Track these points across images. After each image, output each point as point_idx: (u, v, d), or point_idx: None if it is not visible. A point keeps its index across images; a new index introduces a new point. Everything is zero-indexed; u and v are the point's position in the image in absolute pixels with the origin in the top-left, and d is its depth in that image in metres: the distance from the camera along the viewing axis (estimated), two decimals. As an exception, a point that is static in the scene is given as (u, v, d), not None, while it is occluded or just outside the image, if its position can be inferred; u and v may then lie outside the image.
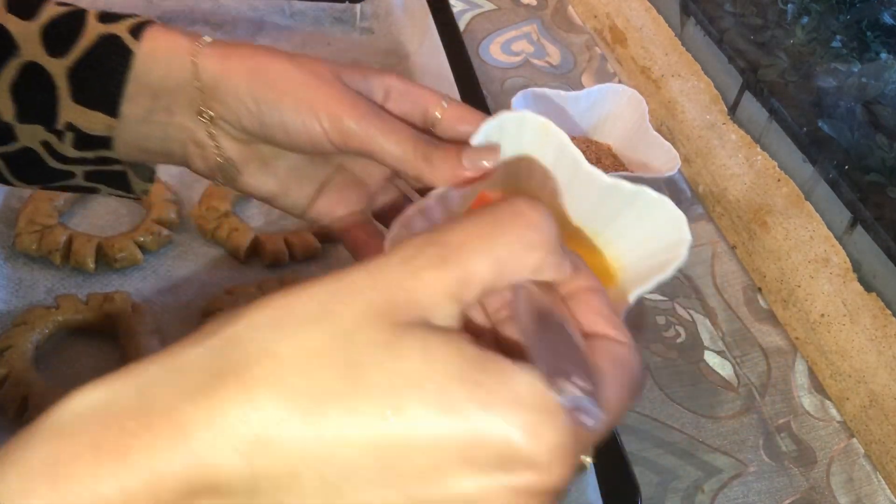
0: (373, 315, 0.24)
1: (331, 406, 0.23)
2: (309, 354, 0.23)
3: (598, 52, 0.95)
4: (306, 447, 0.23)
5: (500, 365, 0.24)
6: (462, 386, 0.23)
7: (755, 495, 0.59)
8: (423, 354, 0.24)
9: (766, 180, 0.75)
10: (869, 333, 0.63)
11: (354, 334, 0.24)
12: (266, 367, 0.23)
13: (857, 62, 0.73)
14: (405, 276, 0.25)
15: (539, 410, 0.23)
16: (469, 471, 0.23)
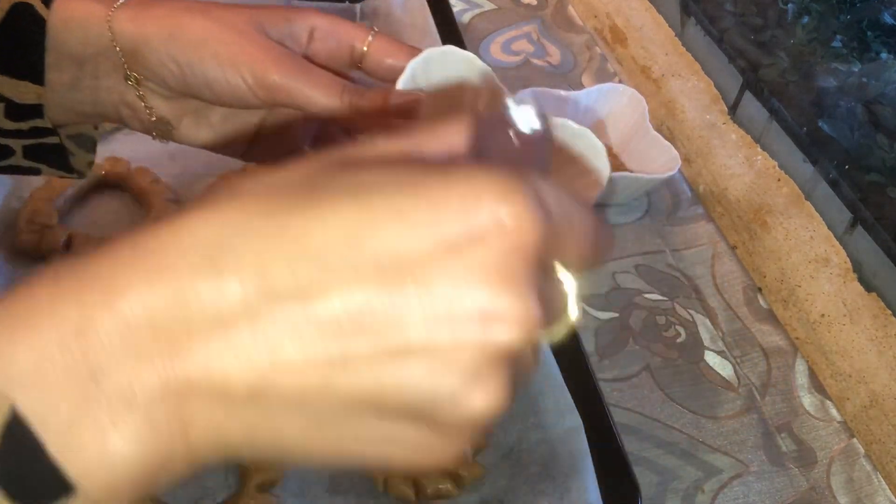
0: (332, 162, 0.24)
1: (295, 206, 0.22)
2: (273, 185, 0.23)
3: (598, 52, 0.95)
4: (271, 240, 0.22)
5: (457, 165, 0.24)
6: (419, 171, 0.23)
7: (755, 495, 0.59)
8: (379, 165, 0.24)
9: (767, 180, 0.75)
10: (869, 333, 0.63)
11: (316, 171, 0.24)
12: (229, 195, 0.23)
13: (857, 62, 0.73)
14: (361, 144, 0.25)
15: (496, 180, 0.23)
16: (440, 244, 0.22)
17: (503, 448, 0.56)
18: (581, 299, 0.27)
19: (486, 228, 0.22)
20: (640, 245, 0.75)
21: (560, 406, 0.56)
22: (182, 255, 0.22)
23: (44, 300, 0.21)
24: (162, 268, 0.22)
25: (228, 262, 0.22)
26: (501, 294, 0.22)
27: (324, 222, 0.22)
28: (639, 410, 0.63)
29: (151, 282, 0.22)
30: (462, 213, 0.22)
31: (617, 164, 0.79)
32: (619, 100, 0.81)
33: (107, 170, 0.68)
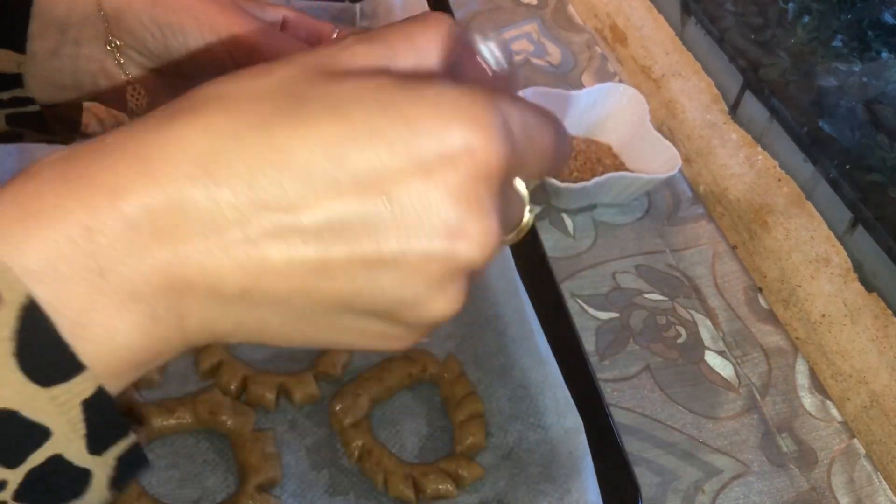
0: (312, 68, 0.26)
1: (280, 119, 0.24)
2: (257, 92, 0.25)
3: (598, 52, 0.95)
4: (259, 154, 0.24)
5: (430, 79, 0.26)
6: (397, 89, 0.25)
7: (756, 496, 0.59)
8: (359, 79, 0.25)
9: (767, 180, 0.75)
10: (870, 333, 0.63)
11: (297, 78, 0.26)
12: (217, 102, 0.25)
13: (858, 62, 0.73)
14: (340, 48, 0.27)
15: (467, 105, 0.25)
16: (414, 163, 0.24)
17: (503, 448, 0.56)
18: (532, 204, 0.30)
19: (456, 152, 0.24)
20: (641, 245, 0.74)
21: (560, 406, 0.56)
22: (178, 163, 0.24)
23: (51, 198, 0.23)
24: (161, 174, 0.24)
25: (221, 171, 0.24)
26: (466, 215, 0.25)
27: (307, 138, 0.24)
28: (639, 411, 0.62)
29: (151, 187, 0.23)
30: (435, 135, 0.24)
31: (617, 164, 0.79)
32: (620, 99, 0.80)
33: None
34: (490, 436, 0.56)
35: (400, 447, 0.56)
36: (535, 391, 0.57)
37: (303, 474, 0.54)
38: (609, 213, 0.77)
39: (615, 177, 0.73)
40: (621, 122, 0.80)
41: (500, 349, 0.59)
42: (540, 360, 0.58)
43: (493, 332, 0.60)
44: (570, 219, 0.76)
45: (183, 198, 0.23)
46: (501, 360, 0.59)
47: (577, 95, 0.80)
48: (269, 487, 0.52)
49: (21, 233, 0.23)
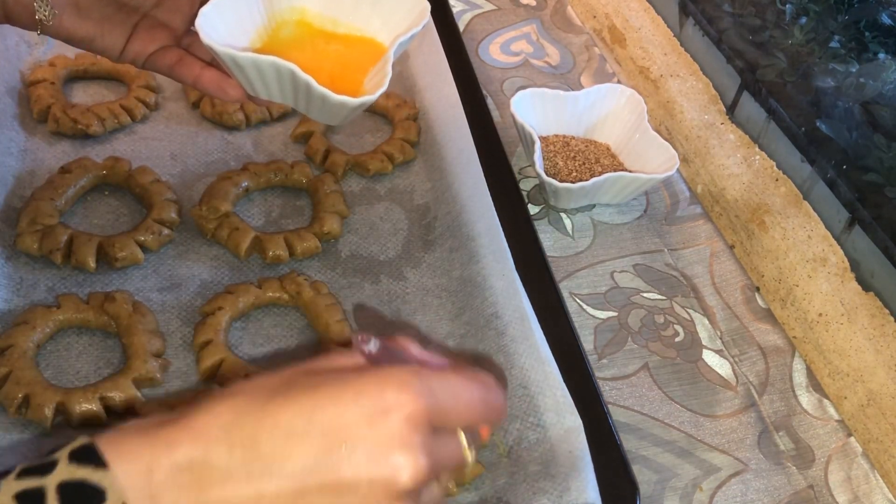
0: (304, 369, 0.39)
1: (276, 398, 0.37)
2: (266, 384, 0.38)
3: (597, 53, 0.96)
4: (260, 422, 0.36)
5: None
6: (353, 372, 0.39)
7: (753, 493, 0.59)
8: (331, 371, 0.39)
9: (765, 180, 0.75)
10: (867, 332, 0.64)
11: (293, 375, 0.39)
12: (241, 389, 0.38)
13: (855, 62, 0.74)
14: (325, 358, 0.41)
15: (397, 376, 0.37)
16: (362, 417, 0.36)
17: (503, 447, 0.56)
18: (476, 452, 0.41)
19: (390, 406, 0.36)
20: (639, 244, 0.75)
21: (559, 405, 0.56)
22: (212, 429, 0.36)
23: (130, 445, 0.36)
24: (199, 435, 0.36)
25: (236, 436, 0.36)
26: (399, 451, 0.36)
27: (290, 407, 0.36)
28: (637, 409, 0.63)
29: (193, 444, 0.36)
30: (376, 396, 0.36)
31: (615, 164, 0.79)
32: (618, 100, 0.81)
33: (108, 169, 0.69)
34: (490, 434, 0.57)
35: (400, 445, 0.56)
36: (534, 390, 0.57)
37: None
38: (607, 213, 0.77)
39: (613, 177, 0.74)
40: (620, 123, 0.81)
41: (499, 348, 0.60)
42: (539, 360, 0.58)
43: (492, 331, 0.61)
44: (568, 218, 0.76)
45: (212, 453, 0.35)
46: (501, 360, 0.59)
47: (575, 96, 0.80)
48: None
49: (115, 463, 0.35)
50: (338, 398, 0.36)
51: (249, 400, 0.37)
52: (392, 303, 0.65)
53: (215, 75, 0.54)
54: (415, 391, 0.37)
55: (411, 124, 0.77)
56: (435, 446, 0.37)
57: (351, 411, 0.36)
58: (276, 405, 0.36)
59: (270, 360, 0.60)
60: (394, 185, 0.74)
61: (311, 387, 0.37)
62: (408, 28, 0.53)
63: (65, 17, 0.52)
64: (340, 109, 0.50)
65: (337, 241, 0.69)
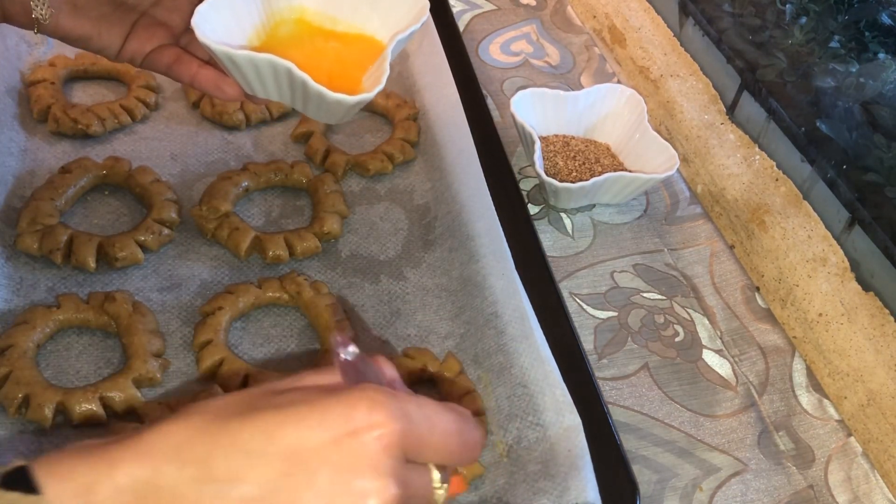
0: (269, 388, 0.36)
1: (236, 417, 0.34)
2: (227, 403, 0.35)
3: (597, 53, 0.96)
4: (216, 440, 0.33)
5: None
6: (319, 391, 0.35)
7: (753, 493, 0.59)
8: (296, 390, 0.36)
9: (765, 180, 0.75)
10: (867, 332, 0.64)
11: (258, 393, 0.36)
12: (199, 408, 0.35)
13: (855, 62, 0.74)
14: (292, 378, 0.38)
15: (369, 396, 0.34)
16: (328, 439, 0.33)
17: (502, 446, 0.56)
18: (446, 486, 0.37)
19: (361, 427, 0.33)
20: (639, 244, 0.75)
21: (559, 404, 0.56)
22: (161, 447, 0.33)
23: (70, 463, 0.33)
24: (146, 454, 0.33)
25: (188, 454, 0.33)
26: (367, 475, 0.33)
27: (251, 426, 0.33)
28: (637, 409, 0.63)
29: (138, 463, 0.33)
30: (344, 417, 0.33)
31: (615, 164, 0.79)
32: (618, 100, 0.81)
33: (108, 169, 0.69)
34: (489, 434, 0.57)
35: (400, 445, 0.56)
36: (534, 389, 0.57)
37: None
38: (607, 213, 0.77)
39: (613, 177, 0.74)
40: (620, 123, 0.81)
41: (499, 348, 0.60)
42: (539, 359, 0.58)
43: (492, 330, 0.61)
44: (568, 218, 0.76)
45: (159, 472, 0.33)
46: (500, 359, 0.59)
47: (575, 96, 0.80)
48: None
49: (49, 483, 0.32)
50: (303, 418, 0.33)
51: (206, 419, 0.34)
52: (392, 303, 0.65)
53: (213, 74, 0.54)
54: (388, 412, 0.34)
55: (411, 124, 0.77)
56: (406, 476, 0.34)
57: (316, 432, 0.33)
58: (234, 424, 0.34)
59: (271, 361, 0.60)
60: (394, 185, 0.74)
61: (275, 406, 0.34)
62: (406, 26, 0.53)
63: (62, 15, 0.52)
64: (338, 108, 0.50)
65: (337, 241, 0.69)
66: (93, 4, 0.53)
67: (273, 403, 0.34)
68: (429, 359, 0.60)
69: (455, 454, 0.37)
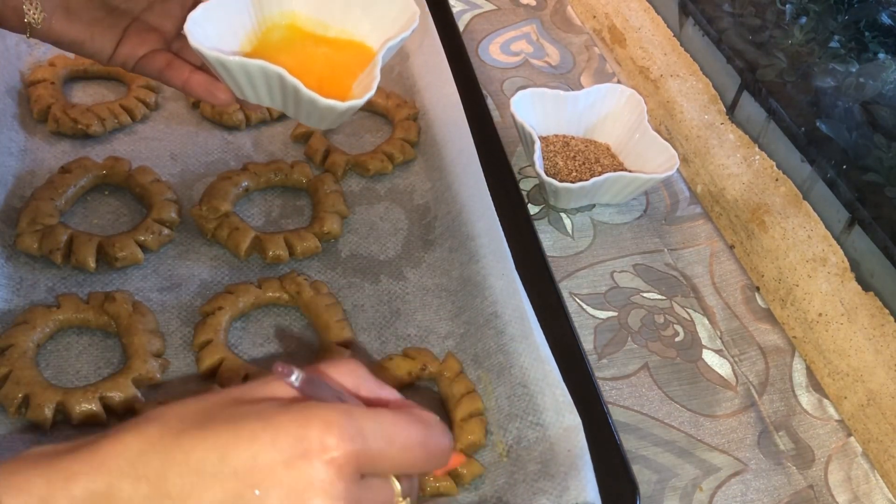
0: (228, 397, 0.36)
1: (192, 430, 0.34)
2: (184, 413, 0.35)
3: (597, 53, 0.96)
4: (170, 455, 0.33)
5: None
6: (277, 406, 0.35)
7: (753, 493, 0.59)
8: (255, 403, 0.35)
9: (765, 180, 0.75)
10: (867, 332, 0.64)
11: (216, 404, 0.35)
12: (155, 417, 0.34)
13: (855, 62, 0.74)
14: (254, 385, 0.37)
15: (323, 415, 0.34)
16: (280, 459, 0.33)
17: (502, 446, 0.56)
18: (409, 499, 0.37)
19: (313, 448, 0.33)
20: (639, 244, 0.75)
21: (559, 404, 0.56)
22: (116, 460, 0.33)
23: (25, 473, 0.33)
24: (104, 467, 0.33)
25: (142, 469, 0.33)
26: (318, 500, 0.32)
27: (205, 442, 0.33)
28: (637, 409, 0.63)
29: (94, 476, 0.33)
30: (297, 436, 0.33)
31: (615, 164, 0.79)
32: (618, 100, 0.81)
33: (108, 169, 0.69)
34: (489, 434, 0.57)
35: (400, 445, 0.56)
36: (534, 389, 0.57)
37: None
38: (607, 213, 0.77)
39: (613, 177, 0.74)
40: (620, 123, 0.81)
41: (499, 348, 0.60)
42: (539, 359, 0.58)
43: (492, 330, 0.61)
44: (568, 218, 0.76)
45: (114, 487, 0.33)
46: (500, 359, 0.59)
47: (575, 96, 0.80)
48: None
49: (4, 494, 0.32)
50: (256, 436, 0.33)
51: (162, 430, 0.34)
52: (392, 303, 0.65)
53: (204, 79, 0.54)
54: (342, 433, 0.33)
55: (411, 124, 0.77)
56: (362, 495, 0.34)
57: (268, 452, 0.33)
58: (189, 438, 0.33)
59: (271, 361, 0.60)
60: (394, 185, 0.74)
61: (230, 421, 0.34)
62: (397, 32, 0.53)
63: (54, 19, 0.52)
64: (329, 113, 0.50)
65: (337, 241, 0.69)
66: (85, 9, 0.53)
67: (229, 416, 0.34)
68: (429, 359, 0.60)
69: (418, 465, 0.37)
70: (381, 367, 0.59)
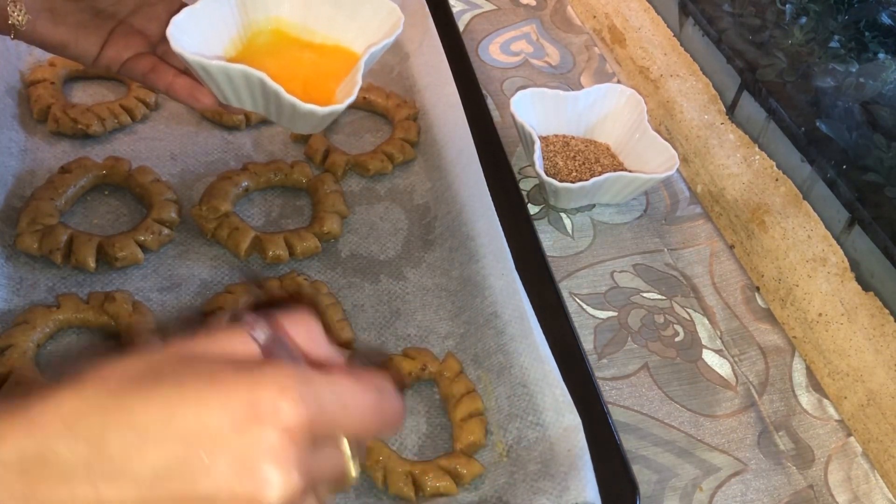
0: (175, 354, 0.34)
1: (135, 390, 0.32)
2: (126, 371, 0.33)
3: (596, 53, 0.96)
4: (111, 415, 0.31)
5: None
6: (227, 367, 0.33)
7: (753, 493, 0.59)
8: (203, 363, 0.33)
9: (765, 180, 0.75)
10: (866, 332, 0.64)
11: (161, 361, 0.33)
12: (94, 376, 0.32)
13: (855, 62, 0.74)
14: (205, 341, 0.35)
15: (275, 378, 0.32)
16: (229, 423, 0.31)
17: (502, 446, 0.56)
18: (359, 461, 0.36)
19: (264, 413, 0.31)
20: (639, 244, 0.75)
21: (559, 404, 0.56)
22: (51, 420, 0.31)
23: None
24: (35, 426, 0.31)
25: (81, 429, 0.31)
26: (269, 465, 0.31)
27: (149, 403, 0.31)
28: (637, 409, 0.63)
29: (25, 437, 0.31)
30: (247, 400, 0.31)
31: (615, 164, 0.79)
32: (618, 100, 0.81)
33: (108, 169, 0.69)
34: (489, 434, 0.57)
35: (400, 445, 0.57)
36: (534, 389, 0.57)
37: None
38: (607, 213, 0.77)
39: (613, 177, 0.74)
40: (619, 123, 0.81)
41: (499, 348, 0.60)
42: (539, 359, 0.58)
43: (492, 330, 0.61)
44: (568, 218, 0.76)
45: (49, 449, 0.31)
46: (500, 359, 0.59)
47: (575, 96, 0.81)
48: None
49: None
50: (205, 398, 0.31)
51: (102, 389, 0.32)
52: (392, 302, 0.65)
53: (187, 83, 0.54)
54: (296, 398, 0.32)
55: (411, 124, 0.77)
56: (313, 459, 0.33)
57: (217, 414, 0.31)
58: (132, 397, 0.31)
59: (270, 360, 0.60)
60: (394, 185, 0.74)
61: (178, 380, 0.32)
62: (382, 38, 0.54)
63: (39, 22, 0.52)
64: (310, 118, 0.50)
65: (337, 240, 0.69)
66: (71, 11, 0.53)
67: (178, 375, 0.32)
68: (429, 359, 0.60)
69: (372, 429, 0.36)
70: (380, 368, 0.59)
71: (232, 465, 0.31)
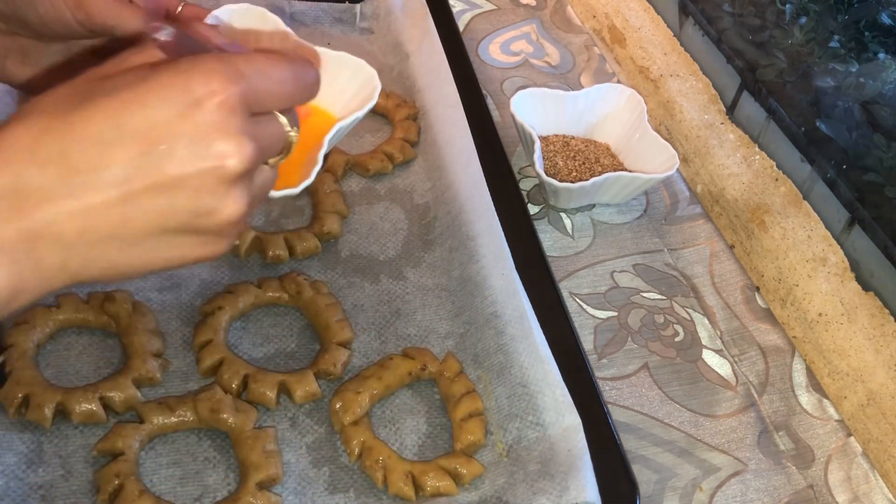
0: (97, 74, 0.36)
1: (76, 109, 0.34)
2: (58, 97, 0.35)
3: (596, 52, 0.96)
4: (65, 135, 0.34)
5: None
6: (152, 70, 0.35)
7: (753, 493, 0.59)
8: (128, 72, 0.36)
9: (764, 180, 0.75)
10: (867, 332, 0.64)
11: (86, 81, 0.36)
12: (34, 107, 0.35)
13: (855, 62, 0.74)
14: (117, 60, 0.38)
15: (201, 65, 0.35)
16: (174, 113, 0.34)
17: (502, 446, 0.56)
18: (298, 131, 0.40)
19: (201, 96, 0.34)
20: (639, 244, 0.75)
21: (559, 404, 0.56)
22: (15, 152, 0.33)
23: None
24: (3, 162, 0.33)
25: (43, 154, 0.33)
26: (220, 139, 0.34)
27: (95, 116, 0.34)
28: (637, 409, 0.63)
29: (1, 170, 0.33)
30: (183, 89, 0.34)
31: (615, 164, 0.79)
32: (618, 100, 0.81)
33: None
34: (489, 434, 0.57)
35: (400, 445, 0.57)
36: (533, 389, 0.57)
37: (303, 472, 0.54)
38: (607, 213, 0.77)
39: (613, 177, 0.74)
40: (619, 123, 0.81)
41: (499, 348, 0.60)
42: (539, 359, 0.58)
43: (492, 330, 0.61)
44: (568, 218, 0.76)
45: (22, 177, 0.33)
46: (500, 359, 0.59)
47: (575, 96, 0.81)
48: (270, 485, 0.52)
49: None
50: (143, 99, 0.34)
51: (47, 116, 0.34)
52: (392, 302, 0.65)
53: None
54: (223, 77, 0.35)
55: (411, 124, 0.77)
56: (256, 129, 0.36)
57: (160, 110, 0.34)
58: (78, 116, 0.34)
59: (271, 360, 0.60)
60: (394, 185, 0.74)
61: (111, 91, 0.34)
62: (357, 106, 0.53)
63: (8, 64, 0.53)
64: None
65: (337, 240, 0.69)
66: (43, 55, 0.53)
67: (107, 88, 0.35)
68: (429, 359, 0.60)
69: (296, 96, 0.39)
70: (381, 367, 0.59)
71: (188, 147, 0.34)
